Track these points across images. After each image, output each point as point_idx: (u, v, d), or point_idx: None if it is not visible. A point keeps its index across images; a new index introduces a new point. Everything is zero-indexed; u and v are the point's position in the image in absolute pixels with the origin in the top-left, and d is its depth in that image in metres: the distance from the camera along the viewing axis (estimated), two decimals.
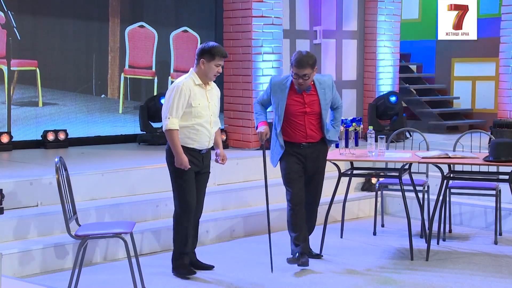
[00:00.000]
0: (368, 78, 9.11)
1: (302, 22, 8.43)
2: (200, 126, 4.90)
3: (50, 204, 5.51)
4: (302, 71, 5.03)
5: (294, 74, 5.08)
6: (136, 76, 8.48)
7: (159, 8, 8.57)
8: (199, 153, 4.96)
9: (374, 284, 4.89)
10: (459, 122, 10.36)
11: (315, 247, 5.71)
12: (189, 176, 4.91)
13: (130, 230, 4.46)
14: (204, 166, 5.03)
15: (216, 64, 4.89)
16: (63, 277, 4.74)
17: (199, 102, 4.89)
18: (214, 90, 5.07)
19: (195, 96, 4.87)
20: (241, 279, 4.95)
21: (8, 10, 7.41)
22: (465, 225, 6.67)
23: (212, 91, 5.04)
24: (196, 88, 4.91)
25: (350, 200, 6.55)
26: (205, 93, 4.96)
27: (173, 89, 4.86)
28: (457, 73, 10.77)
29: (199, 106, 4.89)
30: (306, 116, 5.15)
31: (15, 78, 7.58)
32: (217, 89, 5.13)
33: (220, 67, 4.93)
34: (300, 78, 5.05)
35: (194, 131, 4.89)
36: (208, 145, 5.00)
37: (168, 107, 4.84)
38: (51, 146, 7.52)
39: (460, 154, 5.64)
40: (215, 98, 5.04)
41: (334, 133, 5.29)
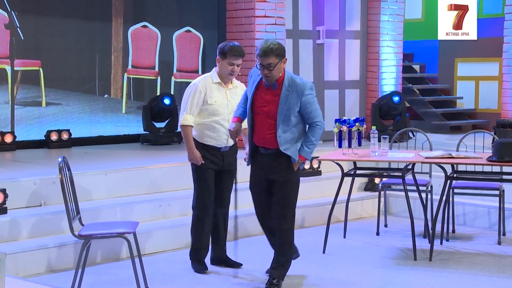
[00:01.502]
0: (371, 78, 9.09)
1: (305, 22, 8.42)
2: (217, 123, 4.96)
3: (54, 204, 5.51)
4: (266, 60, 4.46)
5: (259, 65, 4.53)
6: (139, 76, 8.48)
7: (162, 8, 8.57)
8: (219, 151, 4.99)
9: (377, 284, 4.89)
10: (463, 122, 10.34)
11: (318, 247, 5.71)
12: (208, 175, 4.97)
13: (133, 230, 4.46)
14: (226, 165, 5.05)
15: (229, 63, 4.93)
16: (66, 277, 4.75)
17: (215, 100, 4.96)
18: (238, 89, 5.11)
19: (211, 94, 4.95)
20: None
21: (12, 10, 7.42)
22: (469, 225, 6.66)
23: (234, 90, 5.10)
24: (214, 86, 5.01)
25: (353, 200, 6.54)
26: (224, 91, 5.03)
27: (190, 87, 5.03)
28: (461, 73, 10.75)
29: (216, 104, 4.96)
30: (265, 117, 4.57)
31: (18, 78, 7.58)
32: (243, 89, 5.08)
33: (235, 66, 4.96)
34: (265, 69, 4.48)
35: (211, 128, 4.95)
36: (227, 143, 5.01)
37: (184, 104, 5.00)
38: (54, 146, 7.53)
39: (464, 154, 5.63)
40: (238, 97, 5.01)
41: (294, 151, 4.54)
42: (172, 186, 6.16)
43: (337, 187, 5.76)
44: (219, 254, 5.19)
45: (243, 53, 5.01)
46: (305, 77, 8.37)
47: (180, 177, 6.18)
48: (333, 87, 8.82)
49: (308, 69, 8.47)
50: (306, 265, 5.30)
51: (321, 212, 6.62)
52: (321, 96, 8.68)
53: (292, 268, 5.07)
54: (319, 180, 7.15)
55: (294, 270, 5.10)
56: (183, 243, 5.61)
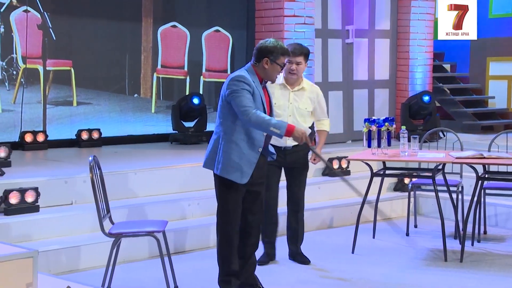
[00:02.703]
0: (401, 78, 9.03)
1: (334, 21, 8.38)
2: None
3: (84, 202, 5.58)
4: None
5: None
6: (169, 75, 8.53)
7: (191, 8, 8.61)
8: (281, 149, 5.05)
9: (407, 286, 4.85)
10: (494, 122, 10.21)
11: (347, 247, 5.69)
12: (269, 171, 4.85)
13: (162, 228, 4.49)
14: (290, 162, 5.14)
15: (288, 61, 4.95)
16: (97, 274, 4.79)
17: (275, 101, 5.01)
18: (306, 92, 5.17)
19: (272, 96, 4.91)
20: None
21: (44, 11, 7.53)
22: (501, 226, 6.57)
23: (301, 92, 5.16)
24: (277, 88, 5.09)
25: (382, 201, 6.51)
26: (288, 93, 5.12)
27: None
28: (493, 72, 10.61)
29: (275, 105, 4.99)
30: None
31: (50, 78, 7.69)
32: (313, 92, 5.20)
33: (293, 64, 5.04)
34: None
35: None
36: (286, 143, 5.08)
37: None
38: (85, 145, 7.61)
39: (495, 155, 5.55)
40: (304, 99, 5.14)
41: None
42: (201, 185, 6.18)
43: (366, 187, 5.73)
44: (293, 250, 5.34)
45: (300, 50, 5.08)
46: (334, 77, 8.46)
47: (209, 176, 6.14)
48: (363, 86, 8.77)
49: (337, 68, 8.44)
50: (335, 265, 5.28)
51: (350, 212, 6.59)
52: (350, 95, 8.64)
53: (321, 269, 5.06)
54: (348, 180, 7.11)
55: (323, 270, 5.09)
56: (212, 243, 5.63)
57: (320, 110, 5.27)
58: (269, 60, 4.36)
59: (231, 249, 4.44)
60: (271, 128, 4.21)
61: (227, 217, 4.40)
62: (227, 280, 4.46)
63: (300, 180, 5.27)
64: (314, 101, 5.22)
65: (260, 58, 4.38)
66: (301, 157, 5.22)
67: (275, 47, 4.38)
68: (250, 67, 4.43)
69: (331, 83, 8.36)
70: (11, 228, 5.11)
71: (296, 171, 5.23)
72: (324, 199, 6.83)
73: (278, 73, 4.47)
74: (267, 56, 4.36)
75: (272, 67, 4.38)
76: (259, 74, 4.40)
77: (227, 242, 4.42)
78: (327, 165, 5.24)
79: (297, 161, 5.20)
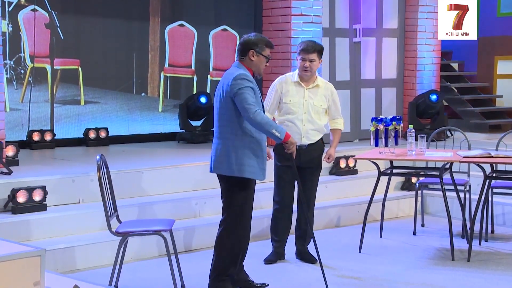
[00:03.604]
0: (408, 77, 9.00)
1: (341, 20, 8.37)
2: (289, 122, 5.11)
3: (92, 201, 5.59)
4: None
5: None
6: (176, 74, 8.54)
7: (198, 7, 8.62)
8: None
9: (414, 285, 4.84)
10: (502, 121, 10.17)
11: (354, 246, 5.68)
12: (283, 172, 5.14)
13: (169, 227, 4.50)
14: (304, 162, 5.11)
15: (301, 59, 5.09)
16: (104, 273, 4.81)
17: (290, 99, 5.09)
18: (320, 89, 5.17)
19: (287, 93, 5.09)
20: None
21: (52, 10, 7.55)
22: (508, 225, 6.55)
23: (316, 90, 5.17)
24: (292, 85, 5.13)
25: (389, 199, 6.49)
26: (303, 91, 5.13)
27: (271, 86, 5.22)
28: (501, 71, 10.57)
29: (290, 103, 5.08)
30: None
31: (58, 77, 7.71)
32: (328, 89, 5.21)
33: (307, 62, 5.06)
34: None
35: (285, 126, 4.97)
36: (301, 142, 5.07)
37: (266, 100, 5.13)
38: (92, 144, 7.63)
39: (503, 154, 5.53)
40: (318, 97, 5.15)
41: None
42: (208, 184, 6.19)
43: (373, 186, 5.72)
44: (300, 249, 5.34)
45: (313, 47, 5.09)
46: (342, 76, 8.45)
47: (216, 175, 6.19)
48: (370, 85, 8.75)
49: (344, 67, 8.43)
50: (342, 264, 5.28)
51: (357, 211, 6.58)
52: (358, 94, 8.63)
53: (328, 267, 5.06)
54: (355, 179, 7.11)
55: (330, 269, 5.09)
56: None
57: (335, 108, 5.26)
58: (255, 52, 4.41)
59: (241, 251, 4.49)
60: (272, 130, 4.26)
61: (243, 218, 4.43)
62: (226, 279, 4.49)
63: (313, 181, 5.26)
64: (329, 98, 5.22)
65: (245, 52, 4.43)
66: (315, 157, 5.21)
67: (259, 39, 4.46)
68: (239, 63, 4.44)
69: (339, 82, 8.34)
70: (19, 226, 5.13)
71: (309, 171, 5.20)
72: (332, 198, 6.82)
73: (264, 66, 4.49)
74: (252, 48, 4.41)
75: (258, 59, 4.43)
76: (248, 68, 4.43)
77: (240, 243, 4.48)
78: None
79: (311, 160, 5.18)
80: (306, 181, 5.17)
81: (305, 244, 5.36)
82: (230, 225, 4.45)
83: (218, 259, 4.50)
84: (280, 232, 5.31)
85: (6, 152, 6.01)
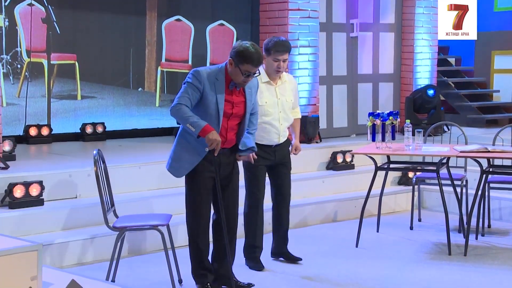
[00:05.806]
0: (405, 72, 9.00)
1: (338, 15, 8.37)
2: (267, 124, 4.89)
3: (89, 196, 5.59)
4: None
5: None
6: (173, 69, 8.53)
7: (195, 1, 8.60)
8: (271, 148, 4.96)
9: (411, 279, 4.85)
10: (499, 116, 10.18)
11: (351, 241, 5.69)
12: (259, 172, 4.94)
13: (167, 222, 4.50)
14: (279, 158, 5.01)
15: (274, 59, 4.84)
16: (101, 268, 4.81)
17: (265, 100, 4.88)
18: (287, 84, 5.02)
19: (261, 95, 4.81)
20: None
21: (49, 5, 7.52)
22: (505, 220, 6.57)
23: (283, 85, 5.00)
24: (263, 85, 4.88)
25: (386, 194, 6.50)
26: (274, 89, 4.95)
27: None
28: (497, 66, 10.58)
29: (266, 104, 4.88)
30: (230, 118, 4.34)
31: (54, 72, 7.70)
32: (292, 82, 5.09)
33: (281, 62, 4.84)
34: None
35: (262, 129, 4.84)
36: (279, 141, 4.97)
37: None
38: (89, 138, 7.62)
39: (500, 148, 5.55)
40: (288, 92, 5.00)
41: (252, 140, 4.49)
42: None
43: (370, 181, 5.73)
44: (280, 248, 5.20)
45: (288, 47, 4.90)
46: (339, 71, 8.45)
47: None
48: (367, 80, 8.76)
49: (341, 62, 8.43)
50: (339, 259, 5.29)
51: (354, 206, 6.59)
52: (355, 89, 8.63)
53: (325, 262, 5.07)
54: (352, 174, 7.12)
55: (327, 264, 5.09)
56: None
57: (295, 99, 5.13)
58: (233, 62, 4.18)
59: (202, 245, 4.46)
60: (187, 125, 4.19)
61: (194, 209, 4.46)
62: (203, 274, 4.47)
63: (288, 175, 5.12)
64: (295, 91, 5.12)
65: (229, 56, 4.23)
66: (287, 152, 5.09)
67: (243, 52, 4.13)
68: (226, 62, 4.28)
69: (336, 77, 8.35)
70: (16, 221, 5.13)
71: (284, 166, 5.06)
72: (328, 193, 6.83)
73: (242, 83, 4.22)
74: (231, 57, 4.20)
75: (234, 70, 4.19)
76: (227, 72, 4.24)
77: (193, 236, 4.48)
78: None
79: (284, 156, 5.06)
80: (283, 178, 5.06)
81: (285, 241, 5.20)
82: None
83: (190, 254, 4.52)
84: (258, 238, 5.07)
85: (2, 147, 6.01)
